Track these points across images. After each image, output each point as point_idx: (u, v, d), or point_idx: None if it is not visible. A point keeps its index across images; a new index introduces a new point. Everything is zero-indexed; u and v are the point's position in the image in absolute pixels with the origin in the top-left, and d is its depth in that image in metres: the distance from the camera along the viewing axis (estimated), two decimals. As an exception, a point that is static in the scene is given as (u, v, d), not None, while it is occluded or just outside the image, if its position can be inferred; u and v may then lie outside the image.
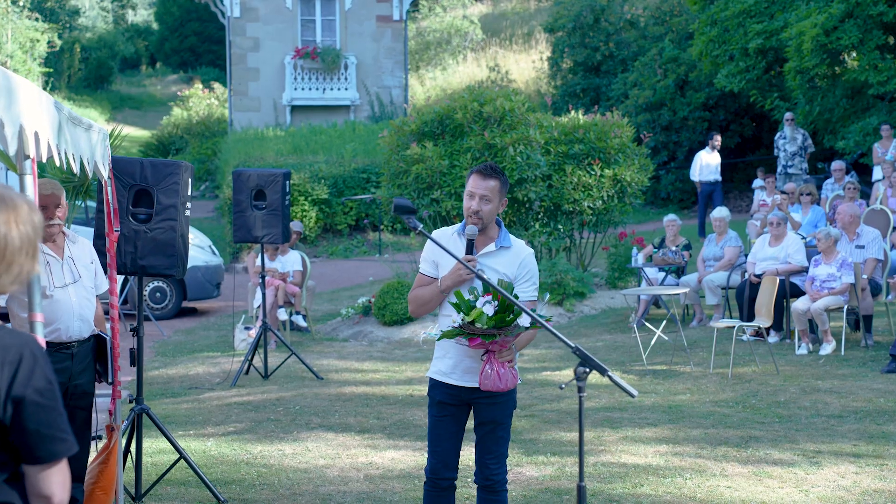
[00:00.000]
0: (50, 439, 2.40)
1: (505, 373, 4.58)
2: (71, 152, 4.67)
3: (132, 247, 6.56)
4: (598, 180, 14.46)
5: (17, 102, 3.50)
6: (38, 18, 34.75)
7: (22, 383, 2.36)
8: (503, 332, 4.46)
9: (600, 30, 27.00)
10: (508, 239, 4.82)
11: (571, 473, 6.80)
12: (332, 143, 24.54)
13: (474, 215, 4.70)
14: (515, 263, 4.76)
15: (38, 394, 2.38)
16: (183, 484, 6.73)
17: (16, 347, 2.38)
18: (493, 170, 4.72)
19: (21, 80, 3.67)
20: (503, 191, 4.77)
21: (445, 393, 4.92)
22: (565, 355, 11.14)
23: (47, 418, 2.39)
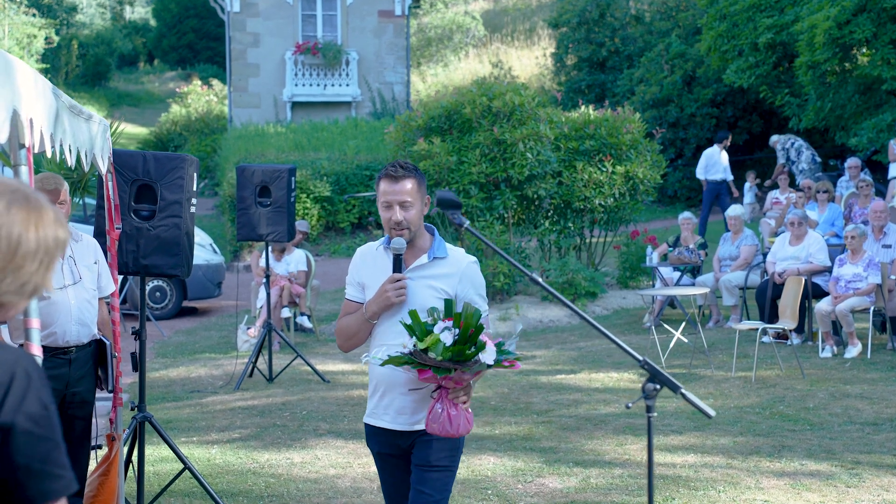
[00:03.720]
0: (43, 476, 2.02)
1: (457, 415, 3.82)
2: (68, 143, 4.33)
3: (134, 245, 6.20)
4: (609, 177, 14.11)
5: (11, 84, 3.16)
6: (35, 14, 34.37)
7: (12, 408, 1.99)
8: (460, 367, 3.70)
9: (606, 25, 26.67)
10: (444, 248, 4.05)
11: (597, 486, 6.45)
12: (334, 140, 24.18)
13: (397, 227, 3.94)
14: (455, 277, 3.99)
15: (31, 421, 2.01)
16: (187, 495, 6.38)
17: (6, 365, 2.03)
18: (404, 168, 3.97)
19: (18, 61, 3.33)
20: (422, 189, 4.01)
21: (379, 441, 4.09)
22: (579, 357, 10.81)
23: (41, 450, 2.02)
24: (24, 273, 2.08)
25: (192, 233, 6.42)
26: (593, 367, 10.24)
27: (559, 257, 14.18)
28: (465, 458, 7.11)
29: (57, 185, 5.49)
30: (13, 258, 2.06)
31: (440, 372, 3.69)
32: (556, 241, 14.48)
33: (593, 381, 9.59)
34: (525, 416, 8.35)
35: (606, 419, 8.11)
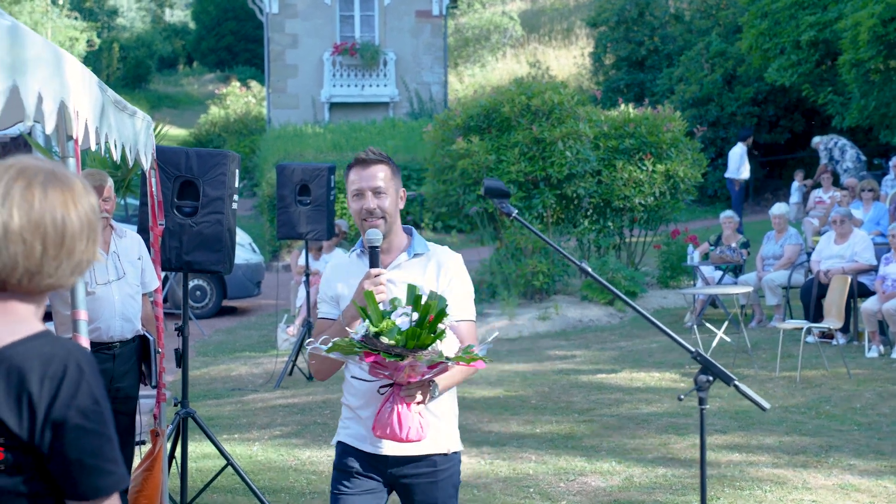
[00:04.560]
0: (95, 471, 1.99)
1: (408, 417, 3.30)
2: (114, 138, 4.33)
3: (177, 241, 6.22)
4: (649, 176, 14.00)
5: (60, 76, 3.15)
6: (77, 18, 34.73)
7: (64, 403, 1.95)
8: (415, 355, 3.19)
9: (645, 24, 26.51)
10: (424, 244, 3.61)
11: (640, 484, 6.38)
12: (372, 140, 24.20)
13: (370, 216, 3.48)
14: (435, 274, 3.53)
15: (83, 416, 1.97)
16: (230, 491, 6.39)
17: (59, 359, 1.98)
18: (376, 153, 3.57)
19: (67, 54, 3.32)
20: (396, 179, 3.58)
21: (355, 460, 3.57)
22: (619, 356, 10.73)
23: (92, 445, 1.98)
24: (76, 254, 2.07)
25: (234, 229, 6.43)
26: (634, 366, 10.15)
27: (598, 257, 14.10)
28: (506, 456, 7.08)
29: (101, 181, 5.51)
30: (63, 243, 2.05)
31: (389, 356, 3.17)
32: (596, 241, 14.40)
33: (634, 381, 9.51)
34: (566, 415, 8.29)
35: (649, 418, 8.03)
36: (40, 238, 2.01)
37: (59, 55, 3.18)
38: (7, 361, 1.95)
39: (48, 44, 3.09)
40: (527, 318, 12.78)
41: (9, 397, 1.94)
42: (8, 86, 2.62)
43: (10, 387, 1.95)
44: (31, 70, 2.82)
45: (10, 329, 1.99)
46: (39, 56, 2.92)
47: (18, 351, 1.97)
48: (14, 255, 2.00)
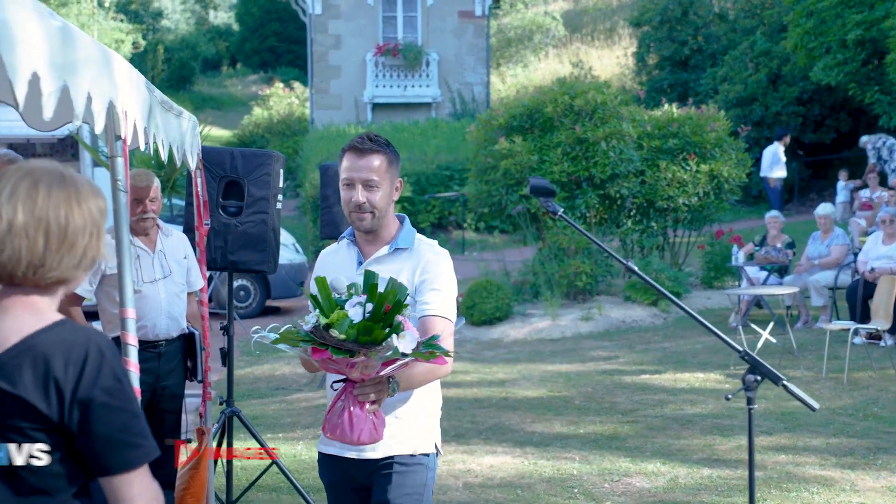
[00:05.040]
0: (123, 445, 2.13)
1: (360, 418, 3.06)
2: (161, 138, 4.37)
3: (222, 241, 6.26)
4: (693, 176, 13.90)
5: (109, 76, 3.18)
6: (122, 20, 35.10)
7: (88, 383, 2.10)
8: (368, 351, 2.92)
9: (688, 23, 26.33)
10: (410, 238, 3.40)
11: (686, 485, 6.34)
12: (415, 141, 24.26)
13: (357, 210, 3.33)
14: (412, 270, 3.33)
15: (107, 394, 2.12)
16: (275, 490, 6.42)
17: (80, 344, 2.13)
18: (374, 141, 3.37)
19: (115, 54, 3.35)
20: (393, 169, 3.38)
21: (331, 471, 3.47)
22: (663, 357, 10.66)
23: (119, 421, 2.13)
24: (77, 248, 2.20)
25: (279, 229, 6.46)
26: (678, 367, 10.09)
27: (642, 257, 14.02)
28: (550, 456, 7.05)
29: (148, 181, 5.57)
30: (65, 238, 2.19)
31: (338, 353, 2.91)
32: (639, 241, 14.32)
33: (678, 382, 9.45)
34: (610, 416, 8.25)
35: (693, 419, 7.98)
36: (43, 233, 2.15)
37: (108, 55, 3.22)
38: (33, 349, 2.10)
39: (97, 44, 3.12)
40: (570, 319, 12.74)
41: (37, 382, 2.08)
42: (58, 86, 2.65)
43: (38, 373, 2.08)
44: (80, 70, 2.85)
45: (32, 320, 2.14)
46: (89, 56, 2.95)
47: (42, 339, 2.11)
48: (18, 249, 2.14)
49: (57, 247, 2.17)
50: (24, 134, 12.75)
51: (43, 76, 2.51)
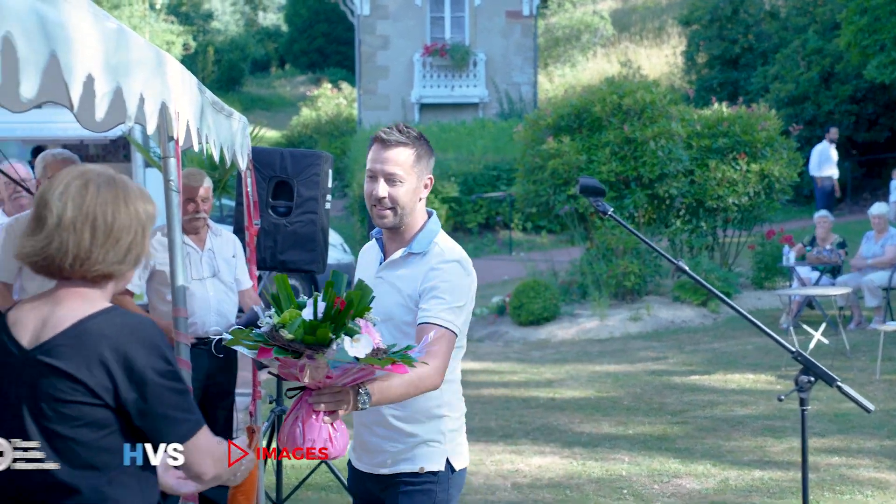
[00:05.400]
0: (177, 421, 2.33)
1: (314, 427, 2.83)
2: (212, 139, 4.41)
3: (272, 241, 6.31)
4: (743, 175, 13.76)
5: (162, 77, 3.22)
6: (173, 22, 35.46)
7: (142, 366, 2.27)
8: (314, 353, 2.71)
9: (739, 21, 26.09)
10: (427, 241, 3.18)
11: (737, 487, 6.28)
12: (462, 141, 24.26)
13: (378, 205, 3.15)
14: (421, 277, 3.12)
15: (160, 375, 2.30)
16: (324, 489, 6.46)
17: (130, 327, 2.31)
18: (402, 133, 3.17)
19: (168, 56, 3.39)
20: (422, 164, 3.17)
21: (352, 481, 3.39)
22: (713, 358, 10.57)
23: (172, 400, 2.32)
24: (122, 244, 2.36)
25: (327, 229, 6.50)
26: (728, 368, 9.99)
27: (691, 257, 13.91)
28: (599, 457, 7.02)
29: (201, 181, 5.61)
30: (110, 233, 2.34)
31: (283, 353, 2.72)
32: (688, 241, 14.21)
33: (729, 383, 9.36)
34: (659, 417, 8.20)
35: (744, 420, 7.90)
36: (89, 228, 2.32)
37: (161, 57, 3.25)
38: (86, 332, 2.27)
39: (151, 46, 3.16)
40: (618, 319, 12.67)
41: (89, 362, 2.24)
42: (112, 87, 2.68)
43: (90, 353, 2.25)
44: (134, 72, 2.88)
45: (85, 306, 2.31)
46: (142, 58, 2.99)
47: (96, 322, 2.29)
48: (66, 241, 2.30)
49: (102, 242, 2.33)
50: (77, 135, 12.92)
51: (97, 77, 2.54)
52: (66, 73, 2.34)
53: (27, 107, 4.19)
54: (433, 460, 3.15)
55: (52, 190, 2.34)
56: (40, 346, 2.28)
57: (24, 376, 2.28)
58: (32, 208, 2.37)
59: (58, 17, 2.26)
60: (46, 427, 2.27)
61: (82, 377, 2.24)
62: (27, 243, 2.33)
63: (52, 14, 2.22)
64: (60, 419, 2.26)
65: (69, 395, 2.25)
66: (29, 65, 2.10)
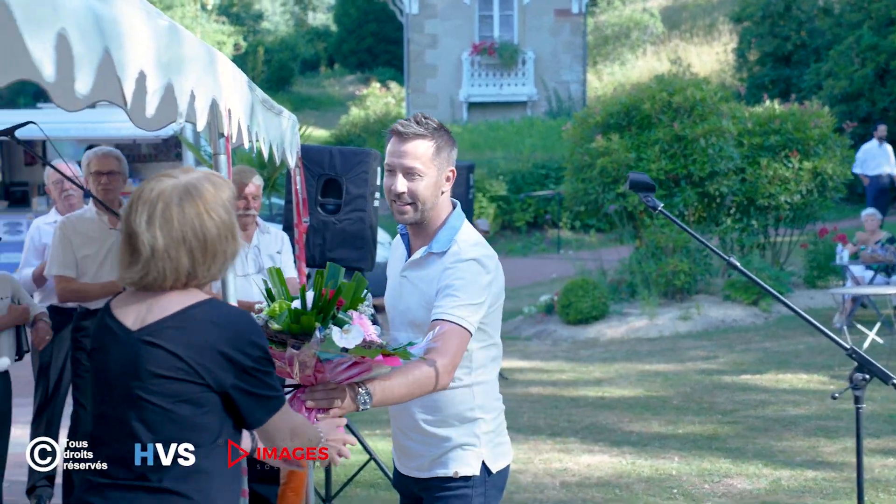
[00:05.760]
0: (267, 399, 2.48)
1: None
2: (262, 136, 4.44)
3: (321, 239, 6.34)
4: (795, 173, 13.60)
5: (213, 74, 3.25)
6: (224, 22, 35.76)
7: (240, 350, 2.40)
8: (298, 342, 2.68)
9: (791, 18, 25.77)
10: (447, 240, 3.07)
11: (789, 488, 6.21)
12: (510, 140, 24.24)
13: (397, 201, 3.06)
14: (437, 277, 3.03)
15: (255, 360, 2.42)
16: (372, 486, 6.48)
17: (230, 316, 2.45)
18: (420, 124, 3.04)
19: (219, 53, 3.42)
20: (443, 157, 3.06)
21: (396, 481, 3.38)
22: (764, 358, 10.45)
23: (265, 381, 2.45)
24: (219, 255, 2.48)
25: (376, 226, 6.51)
26: (780, 367, 9.88)
27: (742, 256, 13.77)
28: (648, 456, 6.98)
29: (251, 178, 5.64)
30: (206, 248, 2.44)
31: (272, 345, 2.67)
32: (739, 240, 14.07)
33: (780, 382, 9.26)
34: (709, 416, 8.13)
35: (796, 420, 7.81)
36: (186, 251, 2.41)
37: (212, 54, 3.28)
38: (190, 318, 2.40)
39: (202, 43, 3.18)
40: (667, 318, 12.58)
41: (193, 345, 2.37)
42: (163, 84, 2.71)
43: (193, 337, 2.38)
44: (185, 69, 2.91)
45: (188, 298, 2.44)
46: (194, 55, 3.01)
47: (199, 310, 2.42)
48: (163, 270, 2.41)
49: (202, 259, 2.44)
50: (130, 135, 13.10)
51: (149, 74, 2.57)
52: (119, 69, 2.36)
53: (81, 105, 4.25)
54: (468, 464, 3.10)
55: (136, 219, 2.41)
56: (145, 328, 2.41)
57: (129, 353, 2.40)
58: (122, 238, 2.45)
59: (111, 13, 2.28)
60: (147, 401, 2.38)
61: (185, 357, 2.37)
62: (126, 275, 2.44)
63: (105, 11, 2.24)
64: (161, 394, 2.38)
65: (172, 372, 2.37)
66: (83, 61, 2.13)
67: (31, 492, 5.97)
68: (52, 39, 1.97)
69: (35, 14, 1.93)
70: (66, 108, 4.15)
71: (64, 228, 5.55)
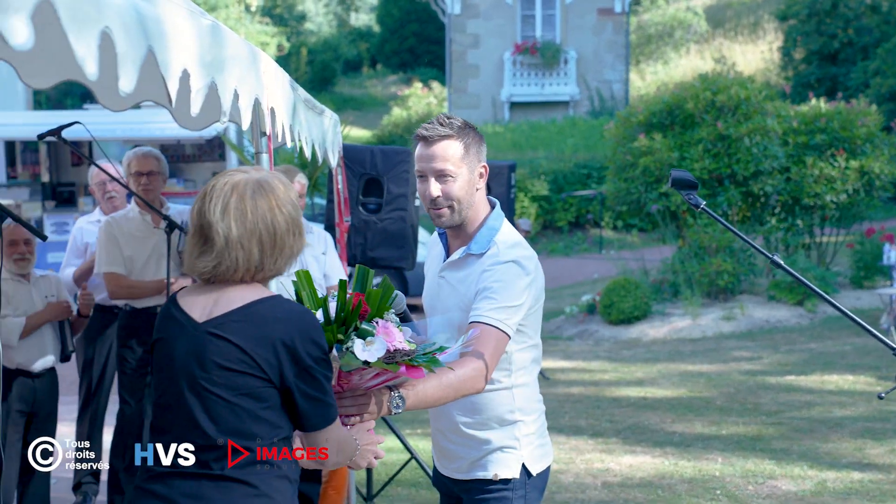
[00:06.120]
0: (325, 406, 2.49)
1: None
2: (304, 135, 4.46)
3: (362, 238, 6.37)
4: (842, 172, 13.44)
5: (256, 74, 3.26)
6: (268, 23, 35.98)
7: (304, 351, 2.42)
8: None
9: (838, 16, 25.51)
10: (487, 239, 3.04)
11: (835, 490, 6.13)
12: (552, 139, 24.18)
13: (433, 206, 3.02)
14: (476, 279, 3.00)
15: (317, 362, 2.45)
16: (413, 485, 6.48)
17: (294, 313, 2.46)
18: (445, 126, 2.99)
19: (262, 53, 3.44)
20: (472, 154, 3.02)
21: (436, 480, 3.38)
22: (809, 359, 10.34)
23: (324, 386, 2.47)
24: (286, 249, 2.52)
25: (417, 226, 6.53)
26: (826, 368, 9.77)
27: (787, 256, 13.63)
28: (691, 457, 6.92)
29: (294, 176, 5.66)
30: (275, 242, 2.49)
31: None
32: (784, 239, 13.93)
33: (826, 384, 9.15)
34: (753, 417, 8.05)
35: (842, 422, 7.71)
36: (257, 243, 2.46)
37: (255, 54, 3.30)
38: (255, 313, 2.44)
39: (245, 43, 3.20)
40: (710, 319, 12.48)
41: (256, 339, 2.41)
42: (207, 83, 2.72)
43: (258, 331, 2.41)
44: (228, 67, 2.92)
45: (253, 293, 2.47)
46: (237, 54, 3.03)
47: (264, 306, 2.45)
48: (236, 259, 2.45)
49: (270, 251, 2.48)
50: (174, 135, 13.23)
51: (193, 73, 2.59)
52: (163, 68, 2.38)
53: (126, 105, 4.30)
54: (507, 466, 3.07)
55: (210, 209, 2.46)
56: (212, 320, 2.45)
57: (195, 344, 2.45)
58: (192, 230, 2.51)
59: (154, 12, 2.30)
60: (211, 392, 2.42)
61: (251, 351, 2.40)
62: (198, 265, 2.48)
63: (149, 10, 2.26)
64: (225, 386, 2.41)
65: (237, 364, 2.41)
66: (127, 59, 2.15)
67: (76, 488, 6.04)
68: (95, 38, 1.99)
69: (79, 12, 1.95)
70: (112, 108, 4.19)
71: (109, 228, 5.61)
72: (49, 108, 26.90)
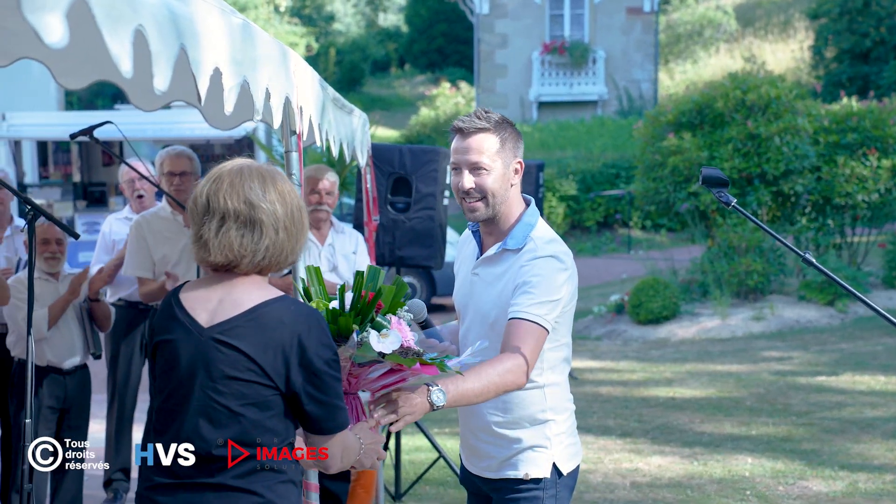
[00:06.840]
0: (337, 410, 2.42)
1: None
2: (333, 135, 4.47)
3: (390, 237, 6.37)
4: (874, 171, 13.32)
5: (287, 73, 3.28)
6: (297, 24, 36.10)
7: (313, 353, 2.36)
8: (336, 343, 2.59)
9: (871, 14, 25.32)
10: (522, 236, 3.03)
11: (866, 491, 6.09)
12: (580, 139, 24.13)
13: (466, 198, 3.02)
14: (514, 276, 2.99)
15: (327, 364, 2.39)
16: (441, 484, 6.49)
17: (302, 316, 2.39)
18: (481, 119, 3.01)
19: (292, 52, 3.45)
20: (508, 149, 3.03)
21: (464, 479, 3.36)
22: (840, 359, 10.26)
23: (335, 389, 2.41)
24: (303, 236, 2.49)
25: (445, 225, 6.52)
26: (857, 369, 9.69)
27: (818, 256, 13.53)
28: (720, 457, 6.89)
29: (325, 173, 5.68)
30: (302, 228, 2.48)
31: None
32: (815, 239, 13.82)
33: (857, 384, 9.08)
34: (783, 418, 8.00)
35: (874, 423, 7.65)
36: (295, 225, 2.44)
37: (285, 52, 3.31)
38: (263, 316, 2.37)
39: (275, 41, 3.22)
40: (740, 318, 12.41)
41: (264, 344, 2.35)
42: (238, 82, 2.74)
43: (266, 336, 2.35)
44: (259, 66, 2.94)
45: (261, 293, 2.41)
46: (267, 53, 3.04)
47: (271, 308, 2.38)
48: (282, 242, 2.41)
49: (298, 236, 2.46)
50: (204, 135, 13.29)
51: (224, 71, 2.60)
52: (194, 67, 2.40)
53: (157, 105, 4.32)
54: (538, 466, 3.07)
55: (250, 190, 2.38)
56: (218, 325, 2.38)
57: (201, 353, 2.38)
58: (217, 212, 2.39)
59: (186, 11, 2.32)
60: (216, 401, 2.37)
61: (258, 358, 2.35)
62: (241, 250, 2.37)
63: (181, 9, 2.28)
64: (231, 395, 2.36)
65: (244, 374, 2.35)
66: (160, 58, 2.16)
67: (107, 485, 6.08)
68: (129, 36, 2.00)
69: (114, 10, 1.96)
70: (143, 107, 4.22)
71: (139, 228, 5.63)
72: (80, 108, 27.11)
